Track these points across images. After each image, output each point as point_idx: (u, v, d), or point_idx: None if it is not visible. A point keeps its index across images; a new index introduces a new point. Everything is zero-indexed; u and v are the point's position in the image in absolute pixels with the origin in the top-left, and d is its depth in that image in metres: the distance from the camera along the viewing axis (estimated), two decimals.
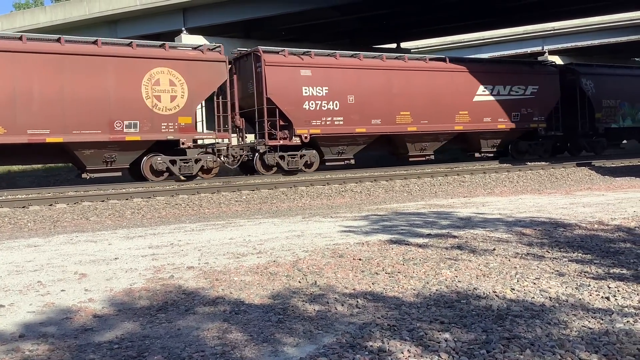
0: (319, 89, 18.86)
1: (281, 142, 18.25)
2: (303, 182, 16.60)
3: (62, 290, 5.22)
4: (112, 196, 13.99)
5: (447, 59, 22.00)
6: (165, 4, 26.73)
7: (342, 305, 4.41)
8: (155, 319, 4.26)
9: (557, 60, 38.54)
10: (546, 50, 40.47)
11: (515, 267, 5.50)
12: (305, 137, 18.45)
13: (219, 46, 17.94)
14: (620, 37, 38.13)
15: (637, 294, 4.48)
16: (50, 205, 13.12)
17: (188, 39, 26.24)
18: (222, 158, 17.99)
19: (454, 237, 7.34)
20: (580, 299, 4.40)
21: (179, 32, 27.31)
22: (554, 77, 24.13)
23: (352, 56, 19.97)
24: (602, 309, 4.16)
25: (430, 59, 21.65)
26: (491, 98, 22.38)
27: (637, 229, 7.57)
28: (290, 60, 18.68)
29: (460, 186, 17.09)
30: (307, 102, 18.66)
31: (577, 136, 25.22)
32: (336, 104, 19.11)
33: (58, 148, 15.94)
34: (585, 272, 5.23)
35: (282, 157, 18.34)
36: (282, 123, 18.33)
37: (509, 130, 22.91)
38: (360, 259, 6.06)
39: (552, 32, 38.95)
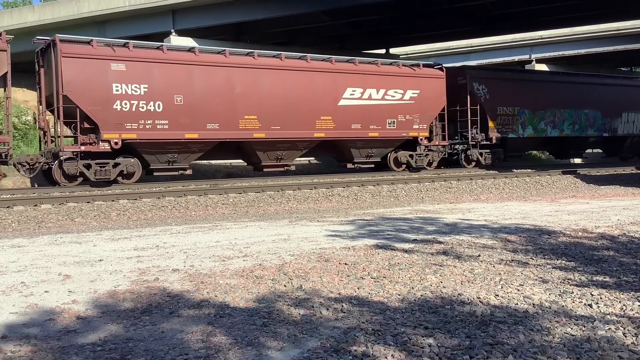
0: (135, 87, 16.12)
1: (82, 147, 15.61)
2: (290, 185, 16.60)
3: (46, 292, 5.18)
4: (98, 197, 13.90)
5: (309, 57, 19.14)
6: (154, 5, 26.65)
7: (327, 309, 4.42)
8: (139, 321, 4.24)
9: (544, 68, 38.99)
10: (534, 59, 40.78)
11: (499, 274, 5.53)
12: (116, 143, 15.85)
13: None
14: (607, 46, 38.54)
15: (620, 302, 4.53)
16: (35, 205, 13.00)
17: (177, 40, 26.19)
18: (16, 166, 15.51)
19: (440, 242, 7.37)
20: (563, 306, 4.44)
21: (169, 33, 27.24)
22: (439, 81, 21.51)
23: (189, 50, 17.46)
24: (585, 316, 4.20)
25: (287, 57, 18.79)
26: (361, 102, 19.74)
27: (620, 237, 7.64)
28: (99, 52, 15.99)
29: (447, 192, 17.17)
30: (118, 102, 15.92)
31: (468, 147, 22.79)
32: (159, 104, 16.36)
33: None
34: (568, 279, 5.28)
35: (88, 166, 15.79)
36: (87, 126, 15.87)
37: (383, 139, 20.38)
38: (346, 264, 6.07)
39: (539, 40, 39.28)
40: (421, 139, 21.11)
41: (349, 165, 20.63)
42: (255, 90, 18.01)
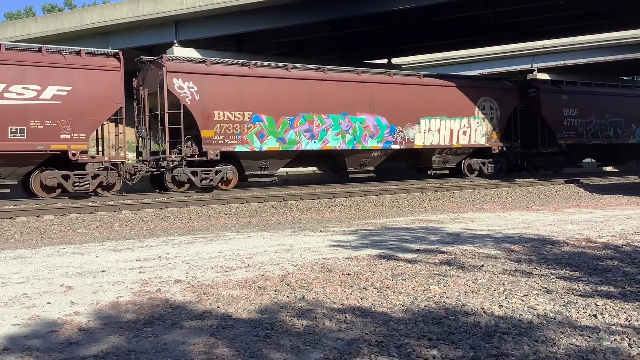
0: None
1: None
2: (293, 195, 16.59)
3: (48, 303, 5.16)
4: (100, 208, 13.91)
5: None
6: (157, 17, 26.81)
7: (330, 320, 4.39)
8: (142, 333, 4.22)
9: (547, 77, 39.00)
10: (535, 68, 40.84)
11: (503, 284, 5.50)
12: None
13: None
14: (608, 56, 38.61)
15: (624, 312, 4.50)
16: (38, 216, 13.01)
17: (180, 51, 26.31)
18: None
19: (443, 252, 7.34)
20: (567, 317, 4.41)
21: (171, 44, 27.39)
22: (109, 75, 15.99)
23: None
24: (590, 326, 4.17)
25: None
26: None
27: (624, 246, 7.61)
28: None
29: (450, 202, 17.14)
30: None
31: (170, 163, 17.34)
32: None
33: None
34: (572, 290, 5.25)
35: None
36: None
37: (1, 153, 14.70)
38: (349, 274, 6.04)
39: (541, 50, 39.36)
40: (74, 154, 15.46)
41: None
42: None
